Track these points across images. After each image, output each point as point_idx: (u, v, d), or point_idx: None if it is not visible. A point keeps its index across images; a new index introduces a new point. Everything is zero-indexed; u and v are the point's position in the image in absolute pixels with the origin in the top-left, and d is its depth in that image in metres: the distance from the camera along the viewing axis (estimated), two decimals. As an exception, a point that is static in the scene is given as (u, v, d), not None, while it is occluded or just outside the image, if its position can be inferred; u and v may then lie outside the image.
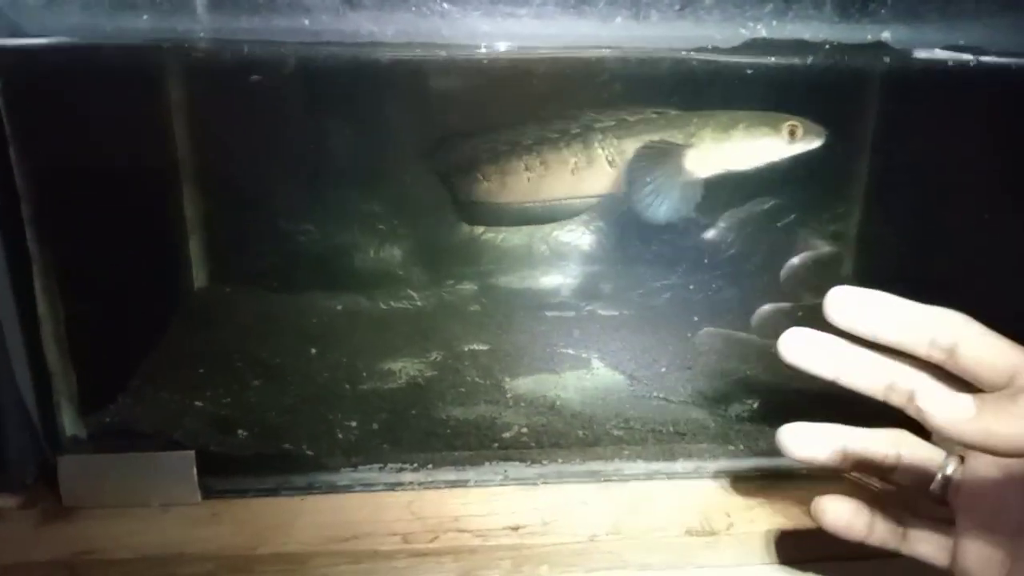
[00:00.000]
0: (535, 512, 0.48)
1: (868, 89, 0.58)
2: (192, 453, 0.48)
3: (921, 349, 0.35)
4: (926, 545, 0.39)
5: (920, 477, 0.39)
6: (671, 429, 0.55)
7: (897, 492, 0.41)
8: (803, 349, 0.38)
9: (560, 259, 0.77)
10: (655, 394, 0.60)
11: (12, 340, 0.46)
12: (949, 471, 0.38)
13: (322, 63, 0.45)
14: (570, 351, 0.67)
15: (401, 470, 0.51)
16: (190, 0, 0.40)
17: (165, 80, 0.63)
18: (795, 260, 0.65)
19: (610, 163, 0.54)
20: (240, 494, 0.49)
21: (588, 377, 0.63)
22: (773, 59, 0.43)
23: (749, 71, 0.44)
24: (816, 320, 0.38)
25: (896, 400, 0.37)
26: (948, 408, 0.30)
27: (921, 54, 0.43)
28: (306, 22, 0.40)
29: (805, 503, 0.44)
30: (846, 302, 0.36)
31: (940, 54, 0.44)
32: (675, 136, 0.53)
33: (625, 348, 0.67)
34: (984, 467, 0.37)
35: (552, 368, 0.64)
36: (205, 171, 0.67)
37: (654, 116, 0.54)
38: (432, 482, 0.51)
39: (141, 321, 0.61)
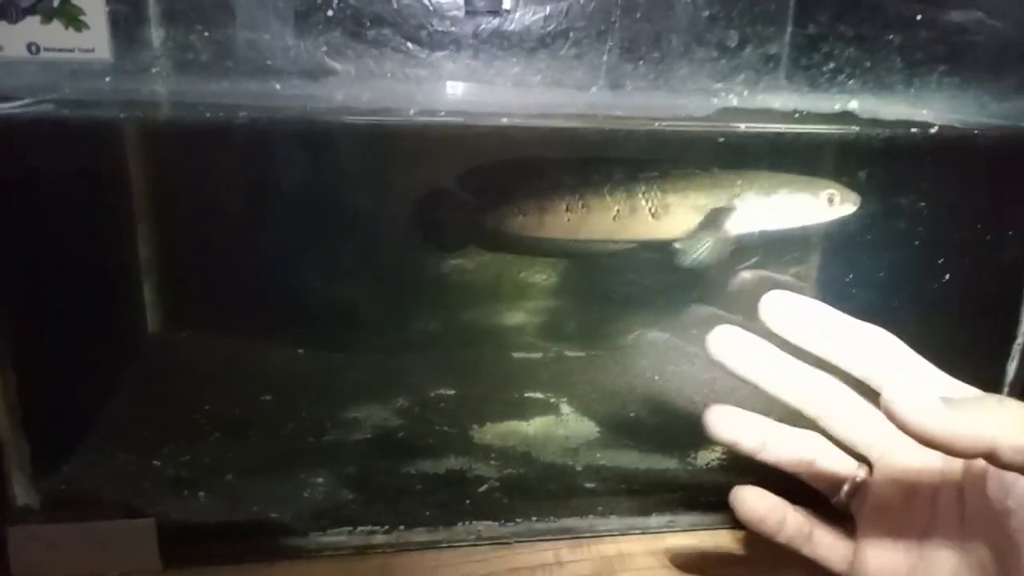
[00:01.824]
0: (510, 574, 0.48)
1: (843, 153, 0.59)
2: (152, 520, 0.46)
3: (847, 361, 0.36)
4: (827, 550, 0.40)
5: (829, 482, 0.40)
6: (643, 480, 0.55)
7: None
8: (729, 347, 0.38)
9: (526, 299, 0.77)
10: (625, 442, 0.60)
11: (-41, 409, 0.43)
12: (858, 479, 0.39)
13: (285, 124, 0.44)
14: (539, 395, 0.67)
15: (372, 532, 0.50)
16: (155, 63, 0.39)
17: (125, 138, 0.61)
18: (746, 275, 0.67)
19: (652, 214, 0.55)
20: (204, 562, 0.48)
21: (558, 425, 0.63)
22: (743, 127, 0.43)
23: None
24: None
25: (812, 410, 0.38)
26: (916, 403, 0.29)
27: (886, 122, 0.45)
28: (277, 87, 0.39)
29: (779, 556, 0.44)
30: (780, 306, 0.37)
31: (903, 121, 0.45)
32: (718, 195, 0.54)
33: (594, 392, 0.68)
34: (892, 479, 0.38)
35: (521, 415, 0.64)
36: (163, 225, 0.65)
37: (699, 172, 0.55)
38: (403, 544, 0.50)
39: (95, 377, 0.59)
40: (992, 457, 0.29)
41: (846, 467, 0.40)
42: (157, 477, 0.52)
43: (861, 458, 0.40)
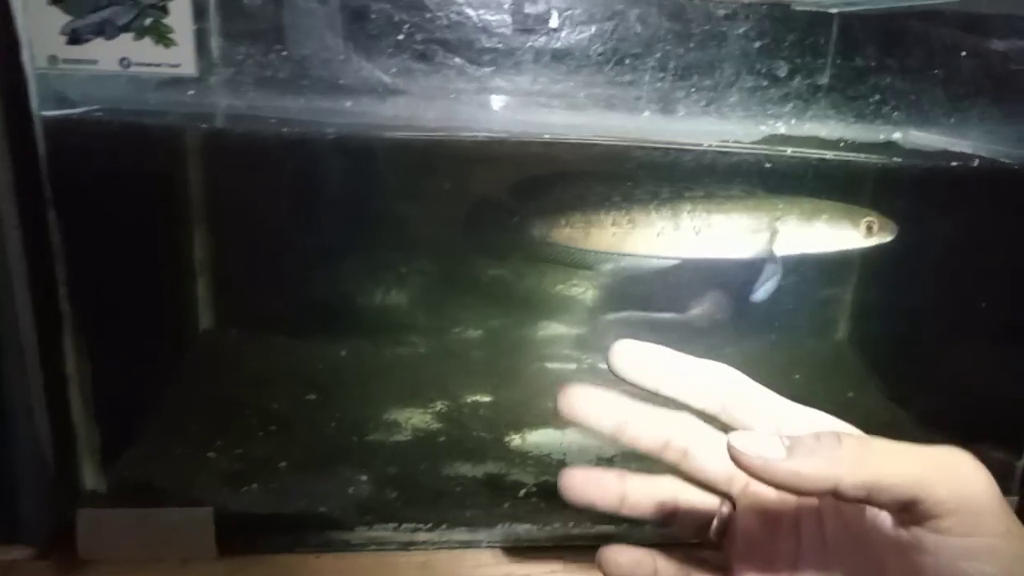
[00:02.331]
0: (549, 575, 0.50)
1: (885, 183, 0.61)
2: (210, 510, 0.49)
3: (696, 403, 0.36)
4: None
5: (696, 525, 0.40)
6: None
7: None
8: (584, 406, 0.38)
9: (562, 310, 0.79)
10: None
11: (36, 397, 0.46)
12: (724, 515, 0.39)
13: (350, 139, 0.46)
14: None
15: (415, 530, 0.52)
16: (236, 78, 0.41)
17: (195, 147, 0.64)
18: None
19: (696, 232, 0.57)
20: (256, 551, 0.50)
21: (592, 435, 0.64)
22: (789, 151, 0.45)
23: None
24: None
25: (670, 457, 0.38)
26: (757, 448, 0.30)
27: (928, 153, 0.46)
28: (348, 104, 0.42)
29: None
30: (630, 355, 0.36)
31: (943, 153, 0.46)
32: (760, 217, 0.56)
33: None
34: (754, 512, 0.38)
35: (556, 424, 0.65)
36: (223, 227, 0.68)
37: (743, 195, 0.57)
38: (445, 542, 0.52)
39: (156, 371, 0.61)
40: (835, 494, 0.30)
41: (709, 506, 0.40)
42: (213, 469, 0.54)
43: (724, 495, 0.40)
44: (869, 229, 0.55)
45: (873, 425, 0.59)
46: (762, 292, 0.57)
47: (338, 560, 0.50)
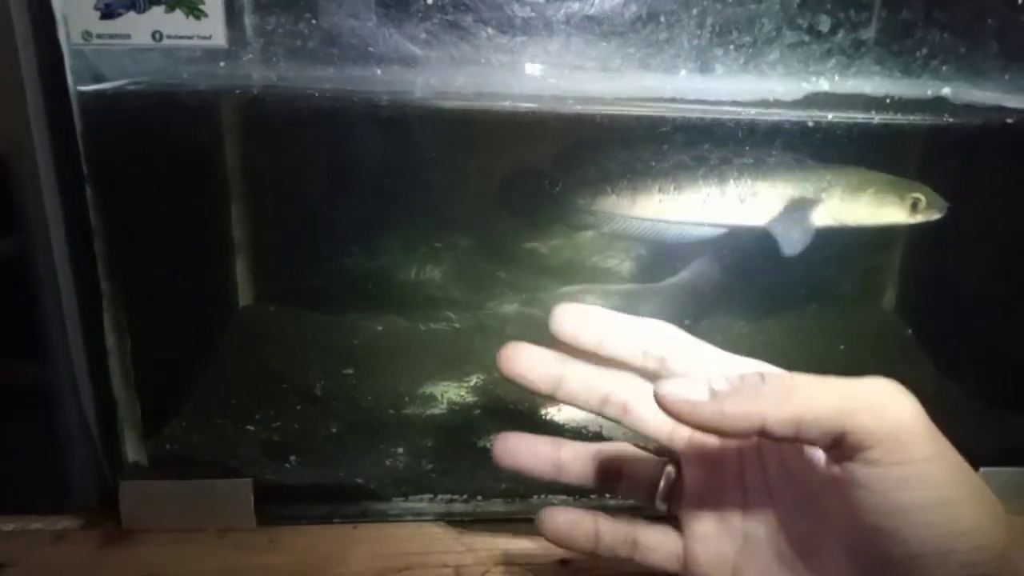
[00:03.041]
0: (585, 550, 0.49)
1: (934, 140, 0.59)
2: (249, 481, 0.50)
3: (636, 360, 0.36)
4: (656, 555, 0.39)
5: (644, 488, 0.40)
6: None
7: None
8: (523, 364, 0.38)
9: (598, 283, 0.78)
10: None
11: (80, 371, 0.47)
12: (671, 476, 0.39)
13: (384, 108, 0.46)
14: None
15: (451, 501, 0.52)
16: (266, 49, 0.41)
17: (231, 120, 0.64)
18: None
19: (741, 200, 0.57)
20: (294, 521, 0.51)
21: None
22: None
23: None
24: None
25: (611, 413, 0.38)
26: (683, 392, 0.30)
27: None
28: (378, 72, 0.41)
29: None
30: (569, 316, 0.36)
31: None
32: (807, 188, 0.55)
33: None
34: (699, 464, 0.38)
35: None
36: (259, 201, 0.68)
37: (792, 163, 0.56)
38: (481, 513, 0.52)
39: (195, 346, 0.62)
40: (764, 433, 0.29)
41: (655, 469, 0.40)
42: (252, 441, 0.55)
43: (669, 452, 0.39)
44: (915, 206, 0.53)
45: (924, 395, 0.57)
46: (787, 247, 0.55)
47: (375, 530, 0.51)
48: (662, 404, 0.31)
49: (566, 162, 0.62)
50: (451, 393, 0.65)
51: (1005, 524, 0.30)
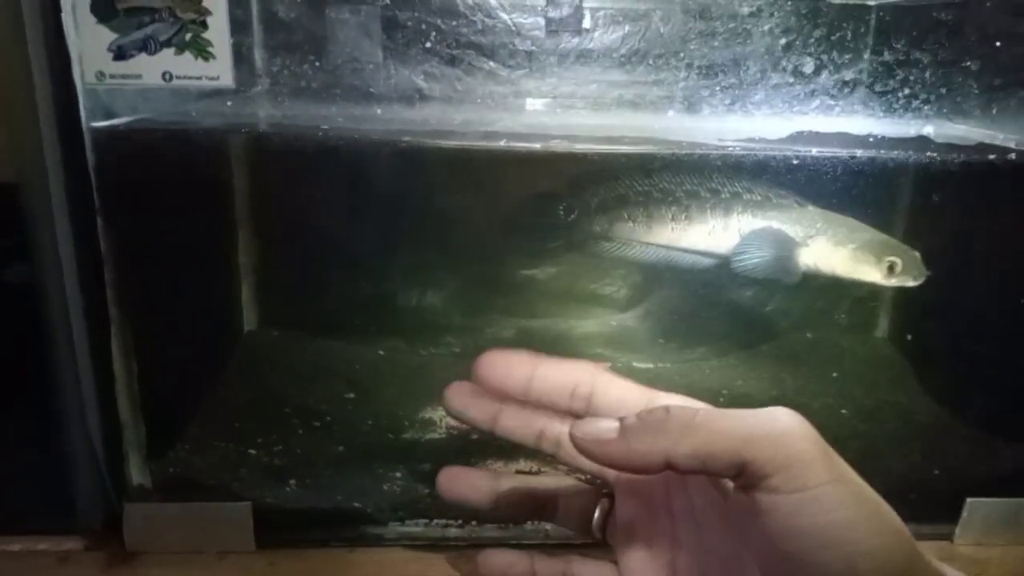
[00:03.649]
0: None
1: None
2: (249, 504, 0.51)
3: (563, 402, 0.37)
4: None
5: (578, 518, 0.41)
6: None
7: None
8: (464, 402, 0.40)
9: (596, 310, 0.79)
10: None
11: (88, 395, 0.49)
12: (604, 507, 0.40)
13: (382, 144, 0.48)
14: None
15: (446, 526, 0.53)
16: (271, 89, 0.43)
17: (235, 154, 0.67)
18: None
19: (739, 234, 0.59)
20: (293, 544, 0.52)
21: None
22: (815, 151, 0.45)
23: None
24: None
25: (547, 447, 0.39)
26: (593, 432, 0.32)
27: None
28: (378, 111, 0.43)
29: None
30: (495, 364, 0.38)
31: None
32: (796, 230, 0.58)
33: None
34: (630, 496, 0.39)
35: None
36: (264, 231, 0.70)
37: (794, 206, 0.58)
38: (476, 539, 0.52)
39: (200, 371, 0.64)
40: (671, 467, 0.31)
41: (591, 500, 0.41)
42: (253, 465, 0.56)
43: (603, 485, 0.41)
44: (891, 269, 0.55)
45: (914, 424, 0.58)
46: (740, 268, 0.57)
47: (371, 555, 0.52)
48: (575, 443, 0.32)
49: (583, 189, 0.64)
50: (447, 420, 0.66)
51: (909, 543, 0.31)
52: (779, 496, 0.30)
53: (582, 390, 0.37)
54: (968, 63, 0.44)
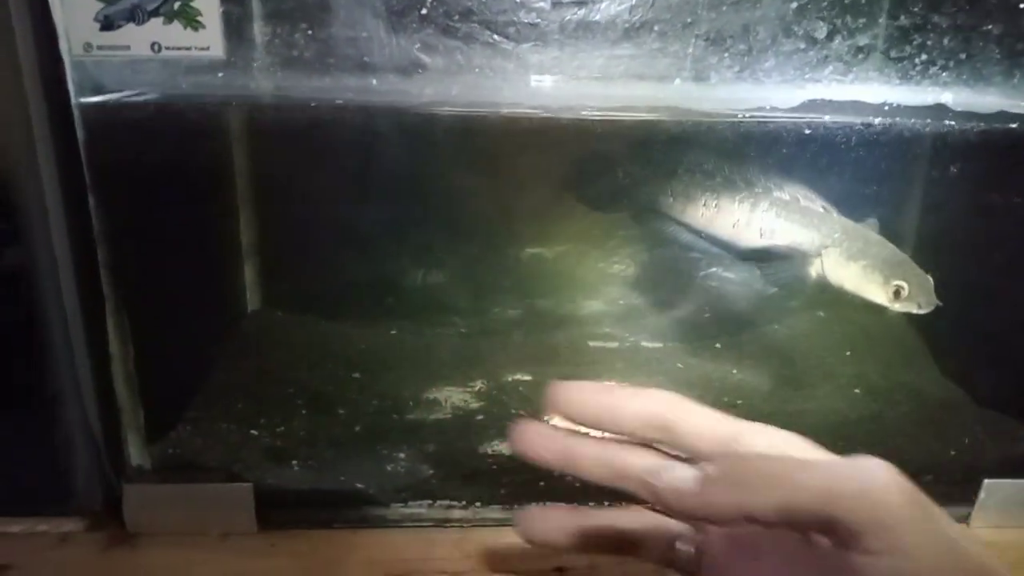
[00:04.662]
0: (582, 555, 0.49)
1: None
2: (250, 486, 0.50)
3: (640, 432, 0.36)
4: None
5: (666, 555, 0.39)
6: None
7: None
8: (530, 441, 0.37)
9: (605, 289, 0.78)
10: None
11: (84, 377, 0.48)
12: (690, 544, 0.38)
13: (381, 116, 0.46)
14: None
15: (450, 507, 0.52)
16: (263, 59, 0.41)
17: (228, 128, 0.65)
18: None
19: (760, 234, 0.60)
20: (295, 526, 0.51)
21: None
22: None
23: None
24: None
25: (628, 486, 0.36)
26: (671, 481, 0.30)
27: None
28: (374, 82, 0.42)
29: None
30: (565, 395, 0.36)
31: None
32: (814, 237, 0.58)
33: (670, 384, 0.68)
34: (718, 538, 0.37)
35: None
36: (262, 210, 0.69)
37: (819, 211, 0.58)
38: (480, 520, 0.52)
39: (199, 351, 0.63)
40: (753, 520, 0.29)
41: (676, 536, 0.39)
42: (254, 446, 0.56)
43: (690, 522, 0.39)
44: (897, 294, 0.53)
45: (929, 404, 0.56)
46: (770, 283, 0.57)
47: (374, 536, 0.51)
48: (651, 492, 0.31)
49: (639, 159, 0.64)
50: (455, 398, 0.65)
51: None
52: (870, 557, 0.28)
53: (661, 420, 0.35)
54: (989, 27, 0.42)
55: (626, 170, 0.66)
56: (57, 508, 0.51)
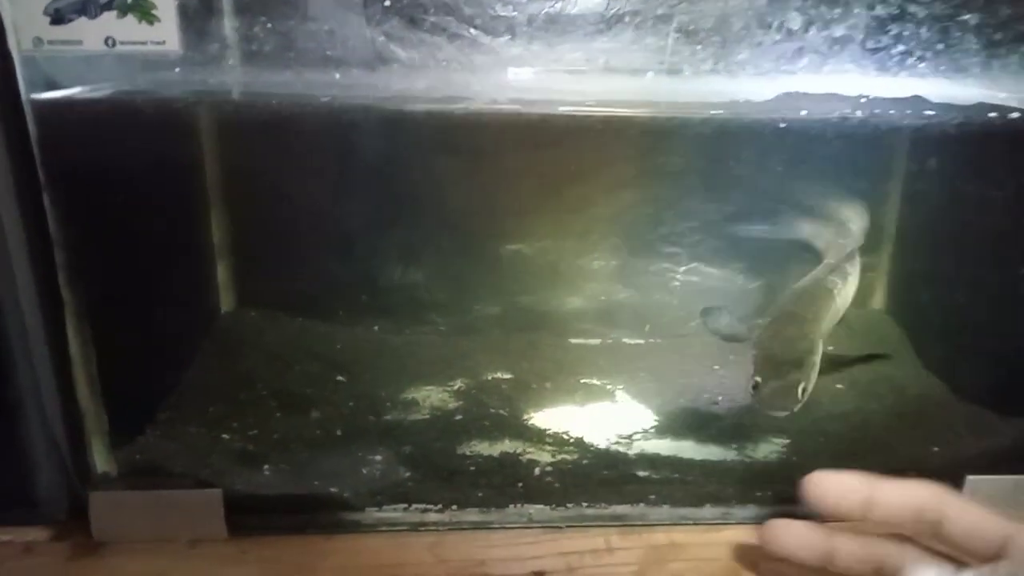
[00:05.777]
0: (560, 558, 0.48)
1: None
2: (219, 492, 0.49)
3: (908, 525, 0.35)
4: None
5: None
6: (698, 471, 0.55)
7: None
8: (789, 539, 0.38)
9: (585, 285, 0.77)
10: (681, 431, 0.60)
11: (45, 381, 0.47)
12: None
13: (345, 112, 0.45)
14: (595, 381, 0.67)
15: (425, 511, 0.51)
16: (222, 54, 0.40)
17: (195, 125, 0.64)
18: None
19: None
20: (266, 532, 0.50)
21: (613, 411, 0.63)
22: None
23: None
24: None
25: None
26: None
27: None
28: (337, 76, 0.40)
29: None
30: (827, 486, 0.36)
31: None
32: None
33: (651, 380, 0.67)
34: None
35: (577, 400, 0.64)
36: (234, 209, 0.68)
37: (840, 242, 0.61)
38: (456, 523, 0.51)
39: (168, 354, 0.62)
40: None
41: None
42: (225, 451, 0.54)
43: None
44: (754, 387, 0.52)
45: (912, 399, 0.56)
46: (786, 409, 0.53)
47: (348, 541, 0.50)
48: None
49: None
50: (432, 399, 0.64)
51: None
52: None
53: (929, 515, 0.35)
54: (966, 17, 0.41)
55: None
56: (20, 517, 0.49)
